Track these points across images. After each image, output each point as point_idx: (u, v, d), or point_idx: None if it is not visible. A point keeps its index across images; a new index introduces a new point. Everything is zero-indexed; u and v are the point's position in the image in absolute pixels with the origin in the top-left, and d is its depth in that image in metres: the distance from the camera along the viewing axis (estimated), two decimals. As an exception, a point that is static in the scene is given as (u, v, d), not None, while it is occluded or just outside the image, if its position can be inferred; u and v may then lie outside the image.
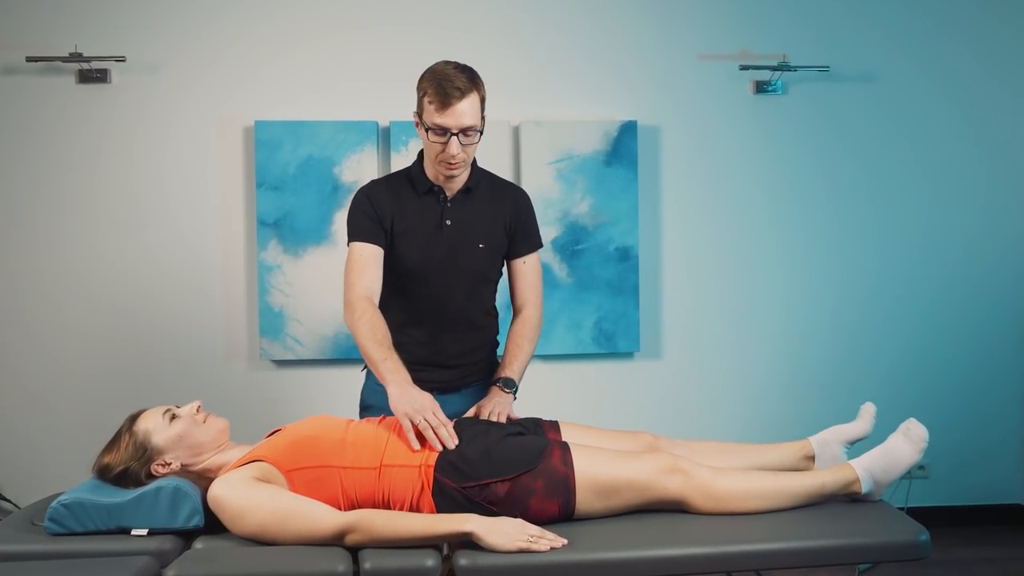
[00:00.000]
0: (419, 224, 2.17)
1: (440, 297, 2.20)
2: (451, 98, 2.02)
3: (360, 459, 1.88)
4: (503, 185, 2.29)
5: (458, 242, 2.18)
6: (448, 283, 2.19)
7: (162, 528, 1.81)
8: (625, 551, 1.74)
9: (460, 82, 2.03)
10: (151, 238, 3.34)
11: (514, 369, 2.20)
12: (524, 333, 2.24)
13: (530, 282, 2.28)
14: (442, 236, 2.17)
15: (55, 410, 3.33)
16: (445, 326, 2.22)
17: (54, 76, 3.29)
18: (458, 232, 2.18)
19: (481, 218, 2.20)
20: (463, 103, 2.03)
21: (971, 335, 3.62)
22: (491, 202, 2.22)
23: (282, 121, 3.31)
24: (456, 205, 2.19)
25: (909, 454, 1.94)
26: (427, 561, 1.69)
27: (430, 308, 2.21)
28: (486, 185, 2.23)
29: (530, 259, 2.28)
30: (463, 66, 2.09)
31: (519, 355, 2.22)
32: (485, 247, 2.20)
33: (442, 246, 2.17)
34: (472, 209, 2.20)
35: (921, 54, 3.56)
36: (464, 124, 2.04)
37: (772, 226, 3.54)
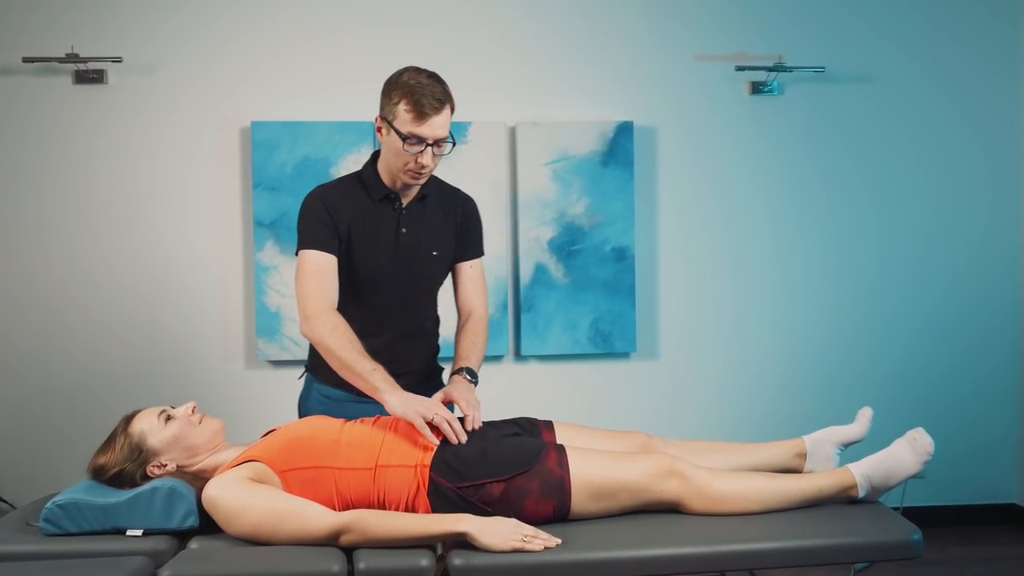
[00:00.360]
0: (375, 232, 2.13)
1: (398, 306, 2.17)
2: (431, 110, 2.01)
3: (355, 460, 1.88)
4: (452, 192, 2.27)
5: (414, 250, 2.15)
6: (405, 292, 2.17)
7: (157, 528, 1.81)
8: (619, 551, 1.74)
9: (439, 94, 2.03)
10: (147, 239, 3.35)
11: (473, 361, 2.17)
12: (478, 331, 2.23)
13: (478, 286, 2.28)
14: (398, 244, 2.14)
15: (50, 410, 3.33)
16: (402, 335, 2.19)
17: (51, 77, 3.29)
18: (413, 240, 2.15)
19: (434, 225, 2.19)
20: (441, 115, 2.03)
21: (967, 335, 3.63)
22: (442, 209, 2.21)
23: (278, 122, 3.31)
24: (411, 213, 2.16)
25: (910, 464, 1.93)
26: (421, 561, 1.69)
27: (387, 318, 2.17)
28: (436, 192, 2.22)
29: (476, 264, 2.28)
30: (435, 75, 2.08)
31: (475, 350, 2.19)
32: (439, 255, 2.20)
33: (398, 254, 2.14)
34: (426, 216, 2.18)
35: (916, 55, 3.57)
36: (440, 135, 2.04)
37: (768, 227, 3.55)
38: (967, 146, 3.61)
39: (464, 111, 3.44)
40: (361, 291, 2.15)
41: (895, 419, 2.71)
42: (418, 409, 1.92)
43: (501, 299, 3.40)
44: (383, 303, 2.16)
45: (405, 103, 2.02)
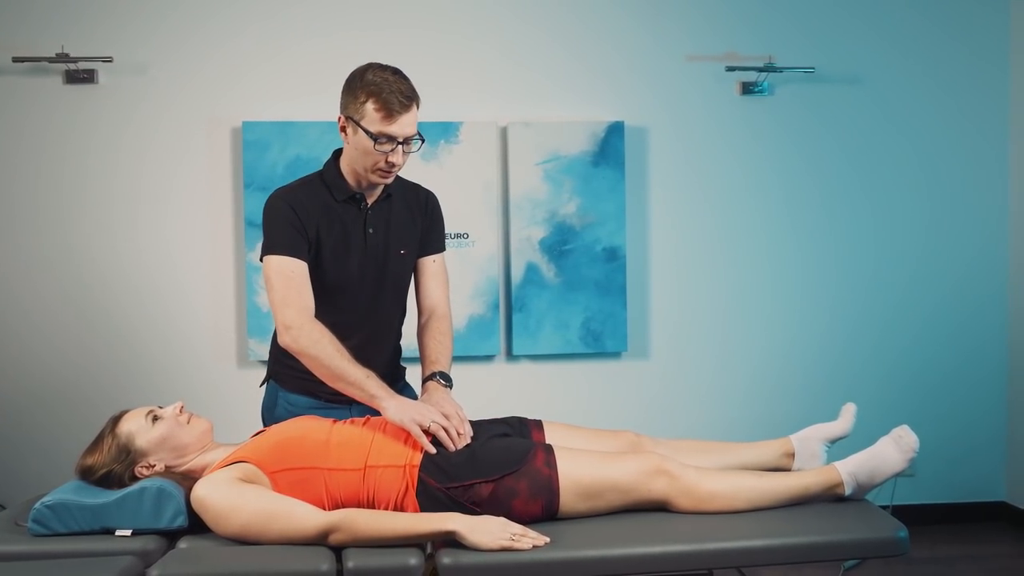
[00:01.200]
0: (343, 234, 2.09)
1: (368, 307, 2.14)
2: (400, 108, 1.97)
3: (344, 460, 1.88)
4: (414, 188, 2.24)
5: (381, 250, 2.12)
6: (374, 292, 2.14)
7: (146, 528, 1.81)
8: (608, 549, 1.74)
9: (406, 91, 2.00)
10: (138, 239, 3.34)
11: (444, 363, 2.12)
12: (443, 329, 2.18)
13: (440, 281, 2.23)
14: (366, 245, 2.10)
15: (39, 410, 3.32)
16: (373, 336, 2.15)
17: (41, 77, 3.28)
18: (381, 240, 2.12)
19: (400, 223, 2.16)
20: (410, 112, 1.99)
21: (956, 334, 3.65)
22: (407, 206, 2.18)
23: (270, 122, 3.31)
24: (376, 212, 2.12)
25: (896, 462, 1.94)
26: (410, 560, 1.70)
27: (358, 320, 2.12)
28: (400, 190, 2.18)
29: (439, 259, 2.24)
30: (399, 72, 2.03)
31: (443, 351, 2.15)
32: (406, 253, 2.17)
33: (366, 255, 2.11)
34: (391, 215, 2.15)
35: (906, 55, 3.59)
36: (409, 133, 2.01)
37: (759, 227, 3.56)
38: (957, 145, 3.63)
39: (455, 111, 3.48)
40: (330, 294, 2.09)
41: (884, 418, 2.72)
42: (414, 417, 1.91)
43: (492, 299, 3.41)
44: (352, 306, 2.12)
45: (373, 102, 1.97)
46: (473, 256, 3.37)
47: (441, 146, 3.35)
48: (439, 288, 2.23)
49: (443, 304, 2.24)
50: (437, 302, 2.23)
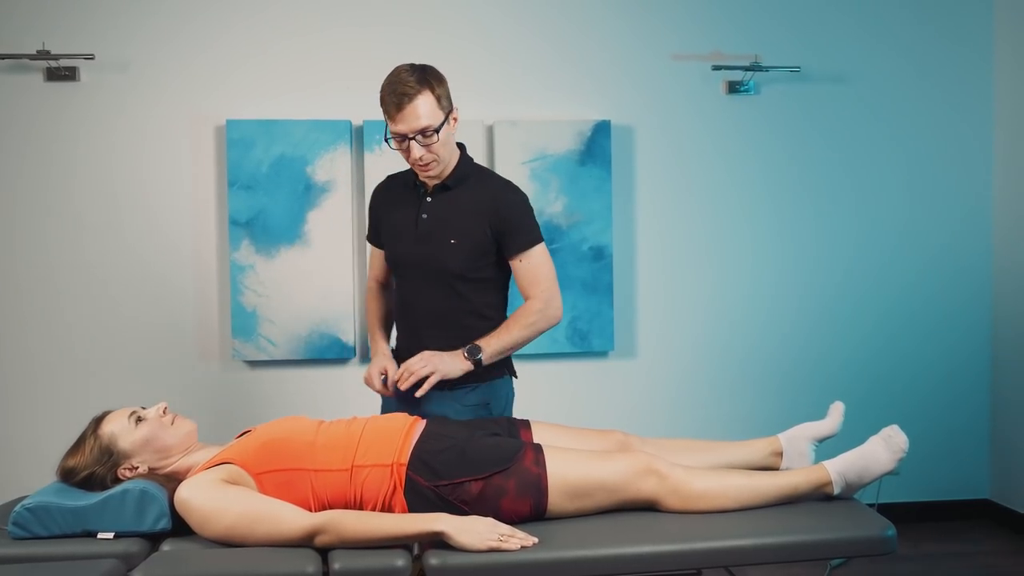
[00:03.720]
0: (399, 220, 2.21)
1: (415, 291, 2.20)
2: (402, 103, 2.01)
3: (331, 461, 1.87)
4: (489, 182, 2.22)
5: (432, 237, 2.15)
6: (421, 278, 2.18)
7: (129, 531, 1.79)
8: (596, 549, 1.74)
9: (409, 85, 2.01)
10: (121, 238, 3.31)
11: (488, 341, 2.13)
12: (516, 316, 2.17)
13: (530, 279, 2.18)
14: (416, 231, 2.17)
15: (20, 410, 3.28)
16: (423, 322, 2.19)
17: (21, 74, 3.24)
18: (432, 227, 2.16)
19: (458, 214, 2.15)
20: (414, 106, 2.01)
21: (940, 332, 3.66)
22: (471, 198, 2.16)
23: (254, 120, 3.28)
24: (435, 200, 2.17)
25: (885, 462, 1.95)
26: (397, 561, 1.69)
27: (408, 302, 2.23)
28: (472, 181, 2.18)
29: (526, 256, 2.17)
30: (417, 66, 2.07)
31: (500, 332, 2.15)
32: (458, 243, 2.13)
33: (417, 241, 2.17)
34: (450, 205, 2.16)
35: (891, 53, 3.60)
36: (419, 127, 2.02)
37: (745, 225, 3.57)
38: (942, 143, 3.65)
39: (441, 110, 3.46)
40: (395, 271, 2.28)
41: (869, 416, 2.73)
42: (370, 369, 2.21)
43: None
44: (406, 287, 2.25)
45: (384, 102, 2.05)
46: (459, 255, 3.36)
47: (427, 145, 3.34)
48: (529, 285, 2.19)
49: (531, 299, 2.19)
50: (528, 296, 2.20)
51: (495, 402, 2.24)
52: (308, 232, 3.31)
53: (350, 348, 3.35)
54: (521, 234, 2.17)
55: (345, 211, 3.33)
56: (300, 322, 3.32)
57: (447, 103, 2.08)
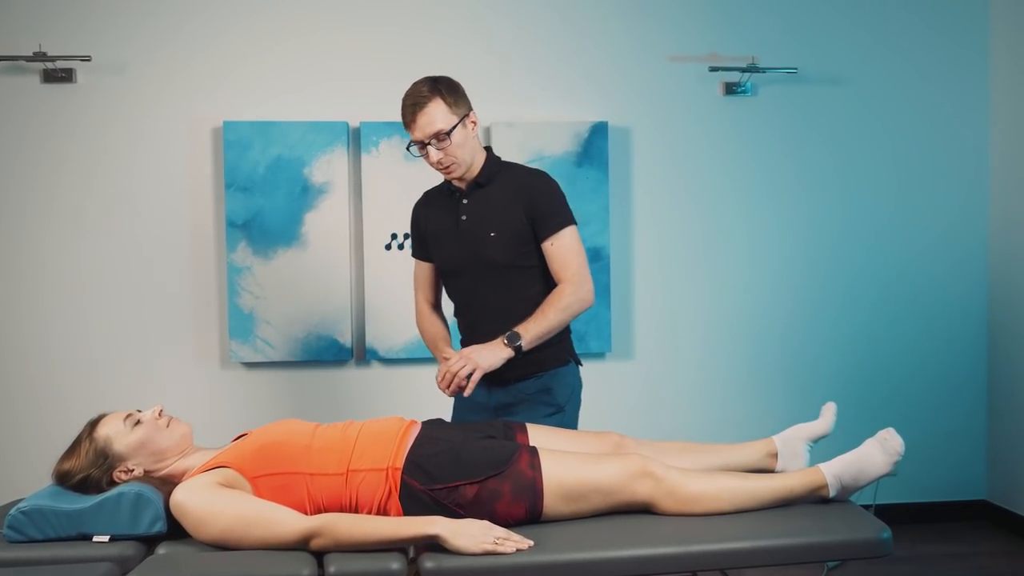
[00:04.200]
0: (441, 226, 2.32)
1: (469, 291, 2.31)
2: (415, 111, 2.17)
3: (327, 465, 1.87)
4: (518, 172, 2.32)
5: (473, 235, 2.25)
6: (472, 275, 2.28)
7: (124, 534, 1.79)
8: (592, 552, 1.74)
9: (421, 94, 2.17)
10: (118, 239, 3.31)
11: (527, 327, 2.18)
12: (550, 300, 2.21)
13: (561, 262, 2.24)
14: (458, 232, 2.28)
15: (15, 413, 3.28)
16: (481, 319, 2.28)
17: (18, 76, 3.24)
18: (472, 225, 2.26)
19: (494, 208, 2.25)
20: (424, 113, 2.16)
21: (936, 332, 3.67)
22: (503, 190, 2.26)
23: (251, 121, 3.28)
24: (471, 201, 2.28)
25: (881, 464, 1.95)
26: (392, 564, 1.69)
27: (464, 300, 2.34)
28: (502, 175, 2.29)
29: (557, 239, 2.24)
30: (430, 78, 2.22)
31: (537, 316, 2.19)
32: (498, 235, 2.23)
33: (460, 241, 2.27)
34: (486, 201, 2.27)
35: (888, 55, 3.60)
36: (431, 132, 2.16)
37: (742, 227, 3.57)
38: (939, 144, 3.65)
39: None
40: (445, 280, 2.39)
41: (865, 418, 2.74)
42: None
43: None
44: (458, 286, 2.34)
45: (401, 114, 2.21)
46: (457, 257, 3.36)
47: (424, 146, 3.34)
48: (562, 268, 2.24)
49: (566, 279, 2.23)
50: (560, 279, 2.24)
51: (559, 389, 2.31)
52: (305, 234, 3.31)
53: (347, 350, 3.35)
54: (551, 216, 2.25)
55: (342, 213, 3.33)
56: (297, 324, 3.32)
57: (462, 108, 2.20)
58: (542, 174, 2.32)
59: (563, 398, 2.31)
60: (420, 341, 3.34)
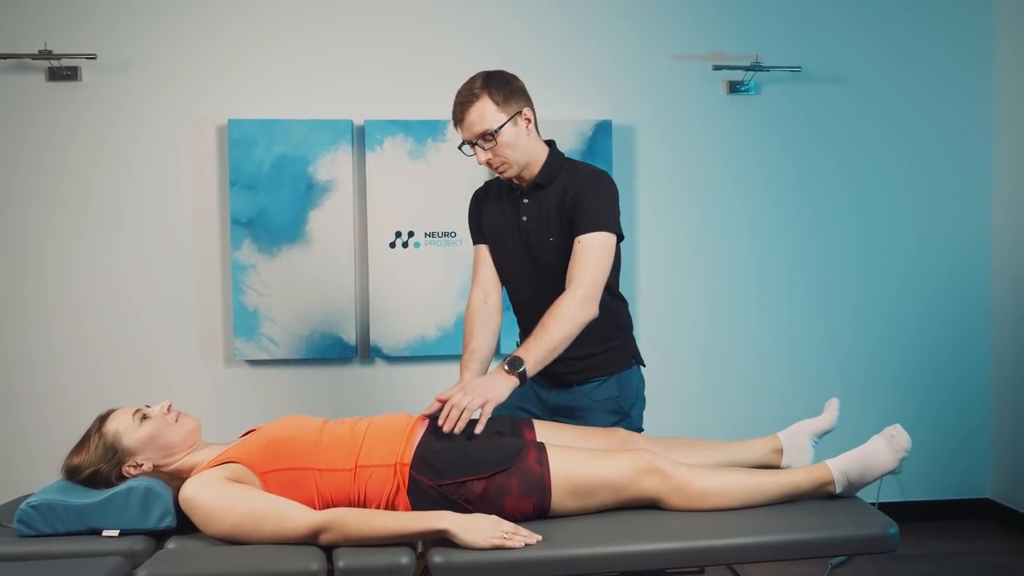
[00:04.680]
0: (501, 223, 2.23)
1: (526, 292, 2.22)
2: (461, 110, 2.10)
3: (335, 460, 1.87)
4: (578, 172, 2.17)
5: (533, 238, 2.17)
6: (530, 278, 2.20)
7: (133, 529, 1.79)
8: (599, 547, 1.74)
9: (467, 92, 2.10)
10: (123, 238, 3.31)
11: (528, 347, 2.01)
12: (551, 312, 2.03)
13: (578, 265, 2.07)
14: (519, 233, 2.19)
15: (24, 409, 3.29)
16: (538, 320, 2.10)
17: (23, 74, 3.25)
18: (532, 228, 2.17)
19: (552, 211, 2.14)
20: (470, 113, 2.08)
21: (941, 331, 3.67)
22: (561, 193, 2.14)
23: (256, 120, 3.29)
24: (531, 201, 2.18)
25: (887, 461, 1.95)
26: (401, 559, 1.69)
27: (522, 302, 2.26)
28: (563, 175, 2.16)
29: (585, 239, 2.07)
30: (483, 73, 2.14)
31: (539, 333, 2.02)
32: (556, 240, 2.13)
33: (519, 243, 2.19)
34: (545, 203, 2.16)
35: (892, 53, 3.61)
36: (477, 132, 2.09)
37: (746, 225, 3.57)
38: (943, 143, 3.65)
39: (442, 109, 3.43)
40: (503, 277, 2.28)
41: (870, 416, 2.74)
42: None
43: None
44: (517, 289, 2.26)
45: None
46: (461, 255, 3.36)
47: (428, 144, 3.35)
48: (574, 268, 2.07)
49: (571, 284, 2.06)
50: (568, 282, 2.07)
51: (625, 395, 2.23)
52: (310, 232, 3.32)
53: (351, 348, 3.35)
54: (587, 217, 2.09)
55: (347, 211, 3.33)
56: (302, 322, 3.32)
57: (513, 105, 2.10)
58: (601, 176, 2.15)
59: (628, 403, 2.24)
60: (425, 339, 3.38)
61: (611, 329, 2.21)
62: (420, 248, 3.36)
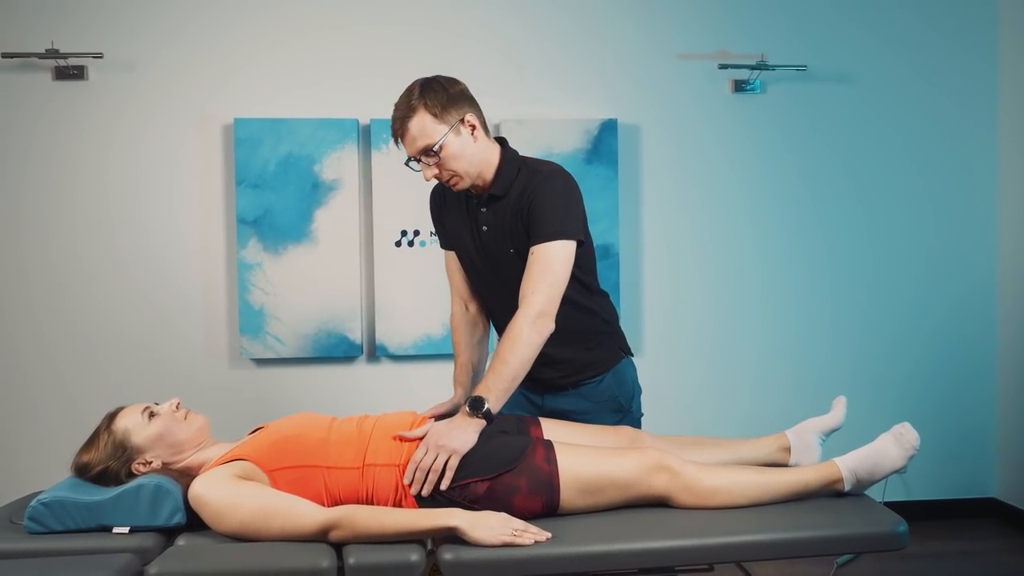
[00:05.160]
0: (460, 230, 2.11)
1: (493, 302, 2.15)
2: (397, 128, 1.96)
3: (343, 458, 1.87)
4: (532, 176, 2.02)
5: (492, 247, 2.05)
6: (495, 289, 2.11)
7: (144, 526, 1.79)
8: (609, 544, 1.74)
9: (400, 109, 1.95)
10: (129, 236, 3.32)
11: (487, 384, 1.90)
12: (504, 341, 1.93)
13: (530, 277, 1.94)
14: (480, 243, 2.08)
15: (33, 408, 3.29)
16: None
17: (30, 73, 3.25)
18: (491, 238, 2.05)
19: (509, 220, 2.01)
20: (408, 129, 1.94)
21: (946, 330, 3.67)
22: (518, 202, 1.99)
23: (262, 119, 3.29)
24: (489, 209, 2.04)
25: (896, 459, 1.95)
26: (411, 556, 1.69)
27: (491, 310, 2.19)
28: (520, 181, 2.01)
29: (538, 249, 1.94)
30: (413, 86, 1.98)
31: (495, 366, 1.91)
32: (517, 252, 2.00)
33: (480, 253, 2.08)
34: (502, 211, 2.02)
35: (898, 53, 3.61)
36: (418, 147, 1.94)
37: (751, 224, 3.57)
38: (948, 143, 3.65)
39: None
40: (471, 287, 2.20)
41: (875, 415, 2.74)
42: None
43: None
44: (487, 294, 2.17)
45: None
46: (467, 254, 3.36)
47: (434, 143, 3.35)
48: (526, 282, 1.95)
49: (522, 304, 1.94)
50: (521, 297, 1.95)
51: (622, 390, 2.19)
52: (315, 230, 3.32)
53: (357, 346, 3.35)
54: (541, 224, 1.95)
55: (352, 209, 3.34)
56: (308, 320, 3.32)
57: (453, 114, 1.94)
58: (556, 175, 2.01)
59: (627, 398, 2.20)
60: (430, 338, 3.38)
61: (597, 326, 2.16)
62: (426, 247, 3.36)
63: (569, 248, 1.97)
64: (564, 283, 1.96)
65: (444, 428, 1.88)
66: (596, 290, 2.18)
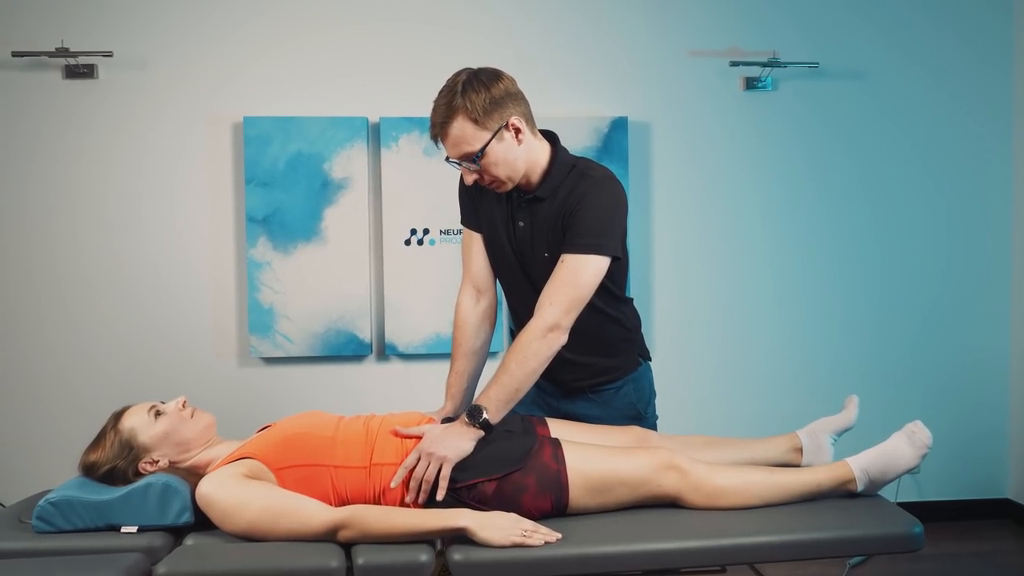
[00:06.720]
0: (497, 222, 2.01)
1: (517, 299, 2.07)
2: (436, 133, 1.88)
3: (351, 457, 1.86)
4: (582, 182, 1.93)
5: (526, 248, 1.98)
6: (522, 287, 2.02)
7: (152, 525, 1.79)
8: (619, 545, 1.73)
9: (438, 113, 1.87)
10: (139, 235, 3.32)
11: (489, 394, 1.86)
12: (512, 349, 1.88)
13: (553, 284, 1.88)
14: (515, 240, 1.99)
15: (41, 407, 3.30)
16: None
17: (40, 71, 3.25)
18: (527, 237, 1.97)
19: (549, 221, 1.93)
20: (447, 135, 1.86)
21: (958, 330, 3.64)
22: (560, 204, 1.92)
23: (271, 117, 3.28)
24: (529, 207, 1.97)
25: (909, 458, 1.92)
26: (421, 556, 1.68)
27: (513, 306, 2.12)
28: (567, 184, 1.93)
29: (570, 259, 1.87)
30: (453, 84, 1.88)
31: (499, 376, 1.87)
32: (551, 256, 1.92)
33: (513, 250, 2.00)
34: (541, 213, 1.95)
35: (910, 50, 3.58)
36: (458, 155, 1.87)
37: (762, 223, 3.55)
38: (960, 141, 3.62)
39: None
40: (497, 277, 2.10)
41: (887, 415, 2.71)
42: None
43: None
44: (509, 292, 2.09)
45: None
46: (476, 252, 3.35)
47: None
48: (547, 289, 1.89)
49: (539, 312, 1.88)
50: (537, 307, 1.90)
51: (640, 397, 2.15)
52: (325, 229, 3.31)
53: (367, 345, 3.34)
54: (579, 234, 1.88)
55: (362, 208, 3.33)
56: (317, 319, 3.32)
57: (495, 118, 1.85)
58: (604, 185, 1.92)
59: (644, 404, 2.16)
60: (440, 336, 3.37)
61: (620, 334, 2.12)
62: (435, 245, 3.35)
63: (602, 265, 1.91)
64: (586, 300, 1.90)
65: (439, 434, 1.85)
66: (623, 298, 2.12)
